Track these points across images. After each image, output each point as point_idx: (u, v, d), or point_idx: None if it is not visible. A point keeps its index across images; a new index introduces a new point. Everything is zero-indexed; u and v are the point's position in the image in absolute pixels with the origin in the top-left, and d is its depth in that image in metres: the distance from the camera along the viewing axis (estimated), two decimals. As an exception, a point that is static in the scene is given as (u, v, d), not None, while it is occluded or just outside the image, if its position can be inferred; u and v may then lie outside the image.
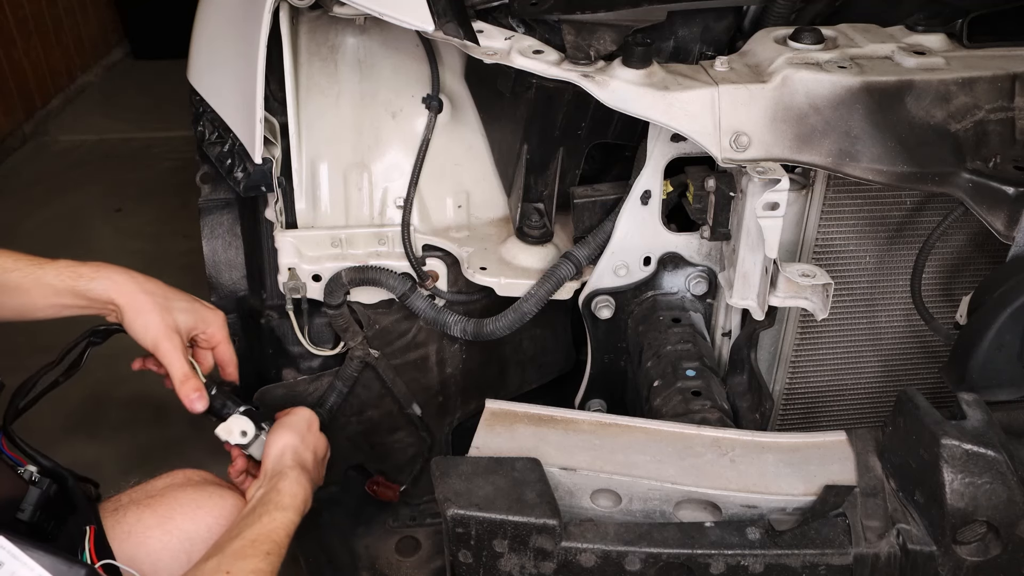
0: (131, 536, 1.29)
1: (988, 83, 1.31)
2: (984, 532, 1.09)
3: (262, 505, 1.26)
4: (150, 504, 1.34)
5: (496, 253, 1.64)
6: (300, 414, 1.43)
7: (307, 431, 1.41)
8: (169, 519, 1.32)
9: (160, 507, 1.33)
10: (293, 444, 1.37)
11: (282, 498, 1.27)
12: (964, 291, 1.39)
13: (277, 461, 1.34)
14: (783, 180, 1.28)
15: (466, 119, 1.70)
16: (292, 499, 1.27)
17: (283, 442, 1.36)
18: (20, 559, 0.99)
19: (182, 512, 1.33)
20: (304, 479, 1.32)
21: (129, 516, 1.31)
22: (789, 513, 1.14)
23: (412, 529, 1.96)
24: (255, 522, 1.22)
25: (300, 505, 1.28)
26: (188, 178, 1.83)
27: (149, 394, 1.48)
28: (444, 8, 1.30)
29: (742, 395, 1.51)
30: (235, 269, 1.78)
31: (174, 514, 1.33)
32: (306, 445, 1.39)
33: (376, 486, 1.92)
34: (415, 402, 1.81)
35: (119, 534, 1.29)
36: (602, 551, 1.10)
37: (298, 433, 1.39)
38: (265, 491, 1.29)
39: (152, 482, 1.40)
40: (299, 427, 1.40)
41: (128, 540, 1.29)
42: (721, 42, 1.53)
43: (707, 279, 1.58)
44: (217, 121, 1.68)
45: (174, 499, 1.35)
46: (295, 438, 1.38)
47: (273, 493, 1.28)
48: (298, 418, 1.42)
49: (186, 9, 1.99)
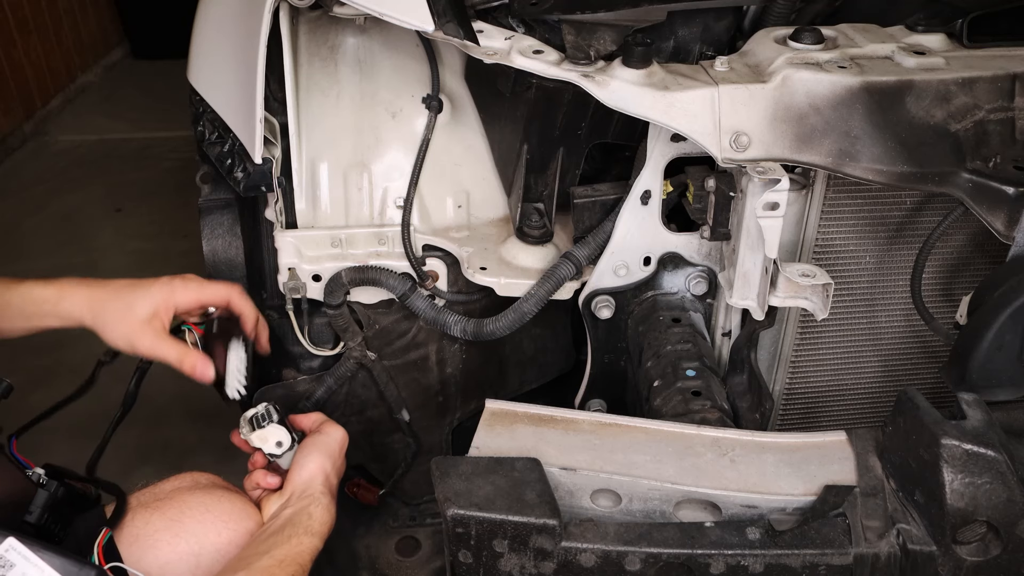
0: (139, 539, 1.29)
1: (988, 83, 1.31)
2: (984, 532, 1.09)
3: (291, 527, 1.24)
4: (158, 507, 1.33)
5: (496, 253, 1.64)
6: (334, 435, 1.39)
7: (339, 454, 1.38)
8: (177, 522, 1.31)
9: (168, 510, 1.32)
10: (326, 469, 1.34)
11: (312, 524, 1.25)
12: (964, 291, 1.39)
13: (308, 484, 1.32)
14: (783, 180, 1.28)
15: (466, 119, 1.70)
16: (321, 526, 1.26)
17: (316, 464, 1.33)
18: (31, 560, 1.00)
19: (191, 515, 1.32)
20: (333, 506, 1.31)
21: (137, 519, 1.31)
22: (789, 513, 1.14)
23: (412, 529, 1.96)
24: (284, 543, 1.21)
25: (327, 532, 1.27)
26: (188, 178, 1.83)
27: (149, 394, 1.48)
28: (444, 8, 1.30)
29: (742, 395, 1.51)
30: (235, 269, 1.78)
31: (183, 517, 1.32)
32: (336, 470, 1.36)
33: (356, 488, 1.91)
34: (406, 407, 1.80)
35: (127, 537, 1.28)
36: (602, 551, 1.10)
37: (331, 457, 1.36)
38: (295, 512, 1.28)
39: (160, 485, 1.39)
40: (332, 450, 1.37)
41: (136, 543, 1.28)
42: (721, 42, 1.53)
43: (707, 279, 1.58)
44: (217, 121, 1.68)
45: (182, 502, 1.34)
46: (328, 462, 1.35)
47: (304, 516, 1.26)
48: (332, 440, 1.38)
49: (186, 9, 1.99)
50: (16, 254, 3.35)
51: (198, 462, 1.45)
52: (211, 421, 2.62)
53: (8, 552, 1.00)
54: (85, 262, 3.29)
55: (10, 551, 1.00)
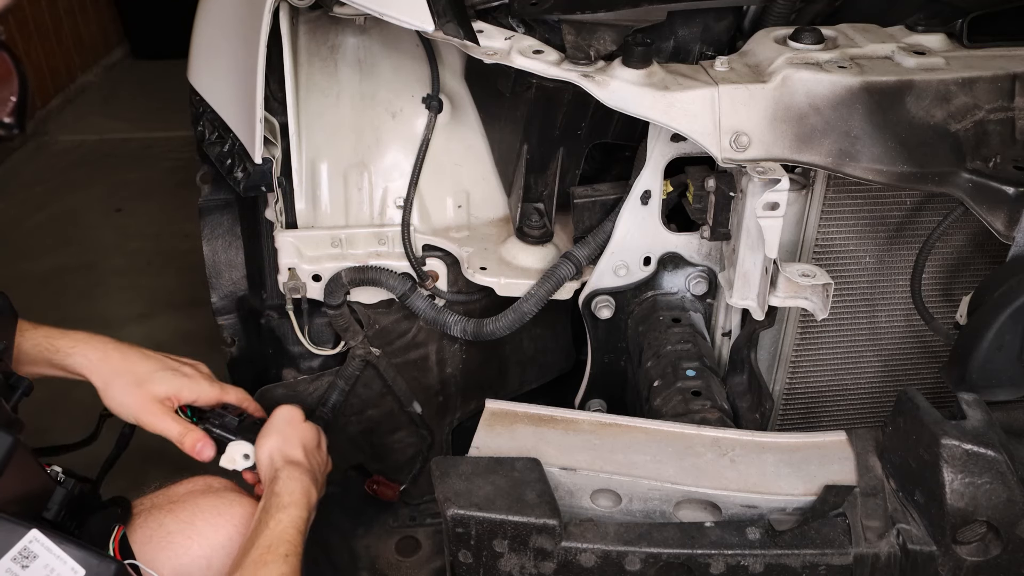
0: (152, 540, 1.30)
1: (988, 83, 1.31)
2: (984, 532, 1.10)
3: (264, 512, 1.26)
4: (172, 509, 1.35)
5: (496, 253, 1.64)
6: (276, 415, 1.42)
7: (287, 427, 1.40)
8: (190, 524, 1.33)
9: (182, 512, 1.34)
10: (277, 446, 1.37)
11: (280, 499, 1.27)
12: (964, 291, 1.39)
13: (268, 468, 1.35)
14: (783, 180, 1.28)
15: (466, 119, 1.70)
16: (290, 496, 1.28)
17: (267, 448, 1.37)
18: (54, 552, 1.03)
19: (203, 518, 1.34)
20: (296, 473, 1.32)
21: (150, 521, 1.32)
22: (789, 513, 1.14)
23: (412, 529, 1.96)
24: (264, 530, 1.23)
25: (301, 499, 1.28)
26: (188, 178, 1.83)
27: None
28: (444, 8, 1.30)
29: (742, 395, 1.51)
30: (235, 269, 1.78)
31: (195, 519, 1.34)
32: (290, 442, 1.38)
33: (376, 485, 1.92)
34: (415, 400, 1.81)
35: (140, 538, 1.29)
36: (602, 551, 1.10)
37: (279, 433, 1.39)
38: (265, 497, 1.30)
39: (173, 487, 1.42)
40: (278, 427, 1.40)
41: (149, 543, 1.30)
42: (721, 42, 1.53)
43: (707, 279, 1.58)
44: (217, 121, 1.68)
45: (195, 505, 1.36)
46: (277, 439, 1.38)
47: (272, 498, 1.28)
48: (276, 420, 1.41)
49: (186, 9, 1.99)
50: (16, 254, 3.34)
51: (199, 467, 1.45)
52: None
53: (32, 543, 1.03)
54: (85, 262, 3.29)
55: (34, 543, 1.02)
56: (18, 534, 1.02)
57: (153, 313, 2.95)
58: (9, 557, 1.01)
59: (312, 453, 1.41)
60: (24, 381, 1.23)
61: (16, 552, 1.02)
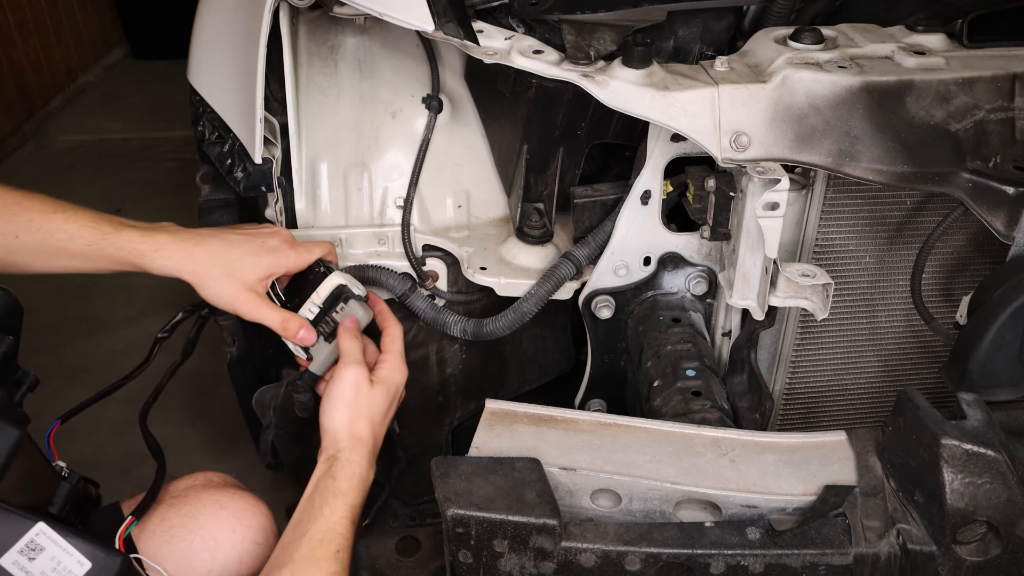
0: (155, 534, 1.31)
1: (988, 83, 1.31)
2: (984, 532, 1.10)
3: (320, 495, 1.21)
4: (173, 504, 1.35)
5: (496, 253, 1.64)
6: (342, 381, 1.31)
7: (357, 396, 1.30)
8: (192, 519, 1.33)
9: (184, 507, 1.35)
10: (344, 422, 1.28)
11: (338, 484, 1.22)
12: (964, 291, 1.39)
13: (332, 443, 1.27)
14: (783, 180, 1.28)
15: (466, 119, 1.70)
16: (348, 481, 1.23)
17: (335, 422, 1.28)
18: (60, 544, 1.03)
19: (205, 512, 1.34)
20: (357, 455, 1.26)
21: (153, 515, 1.32)
22: (789, 513, 1.14)
23: (412, 529, 1.96)
24: (317, 517, 1.19)
25: (359, 484, 1.24)
26: (188, 178, 1.83)
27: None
28: (444, 8, 1.30)
29: (742, 395, 1.51)
30: (235, 269, 1.77)
31: (197, 514, 1.34)
32: (357, 414, 1.29)
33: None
34: (395, 420, 1.77)
35: (143, 532, 1.30)
36: (602, 551, 1.11)
37: (346, 406, 1.29)
38: (321, 476, 1.24)
39: (174, 483, 1.42)
40: (345, 397, 1.30)
41: (152, 538, 1.30)
42: (721, 42, 1.53)
43: (707, 279, 1.58)
44: (217, 121, 1.68)
45: (197, 499, 1.36)
46: (345, 413, 1.29)
47: (328, 480, 1.23)
48: (341, 388, 1.30)
49: (186, 9, 1.99)
50: (16, 254, 3.34)
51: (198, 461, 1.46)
52: (212, 422, 2.62)
53: (39, 536, 1.03)
54: (85, 262, 3.29)
55: (40, 535, 1.03)
56: (25, 527, 1.03)
57: (153, 313, 2.95)
58: (16, 549, 1.02)
59: (378, 426, 1.32)
60: (29, 376, 1.24)
61: (23, 544, 1.02)
